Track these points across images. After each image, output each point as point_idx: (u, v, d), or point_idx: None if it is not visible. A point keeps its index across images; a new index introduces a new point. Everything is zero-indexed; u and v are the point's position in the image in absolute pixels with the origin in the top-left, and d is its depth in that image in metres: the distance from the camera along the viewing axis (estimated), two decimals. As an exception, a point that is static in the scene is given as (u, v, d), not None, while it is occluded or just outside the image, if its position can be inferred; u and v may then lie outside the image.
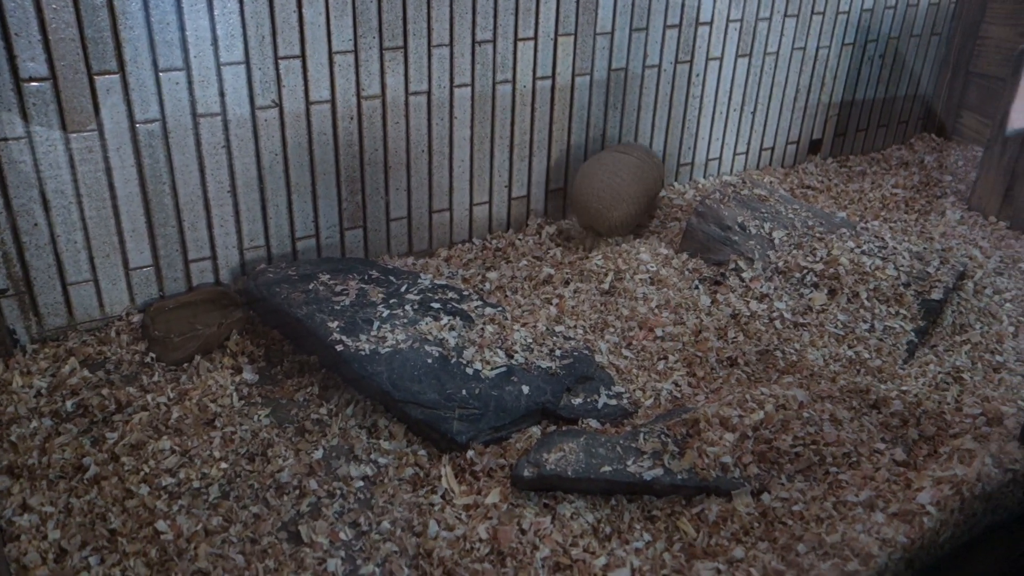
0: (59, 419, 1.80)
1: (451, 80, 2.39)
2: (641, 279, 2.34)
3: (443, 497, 1.63)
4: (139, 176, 2.04)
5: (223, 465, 1.68)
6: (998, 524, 1.66)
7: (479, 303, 2.07)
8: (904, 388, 1.92)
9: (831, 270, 2.27)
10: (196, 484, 1.63)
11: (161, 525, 1.53)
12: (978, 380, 2.00)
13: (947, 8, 3.47)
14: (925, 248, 2.39)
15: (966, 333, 2.19)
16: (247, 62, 2.07)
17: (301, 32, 2.11)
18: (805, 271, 2.29)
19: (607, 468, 1.61)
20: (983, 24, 3.47)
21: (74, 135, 1.93)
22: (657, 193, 2.64)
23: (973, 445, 1.69)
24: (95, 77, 1.91)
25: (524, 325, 2.02)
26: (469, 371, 1.82)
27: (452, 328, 1.93)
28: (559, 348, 1.96)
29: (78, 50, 1.87)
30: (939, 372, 2.02)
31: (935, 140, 3.69)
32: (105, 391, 1.86)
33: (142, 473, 1.65)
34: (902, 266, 2.28)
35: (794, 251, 2.35)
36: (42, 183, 1.93)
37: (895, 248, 2.34)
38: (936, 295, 2.21)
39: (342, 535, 1.54)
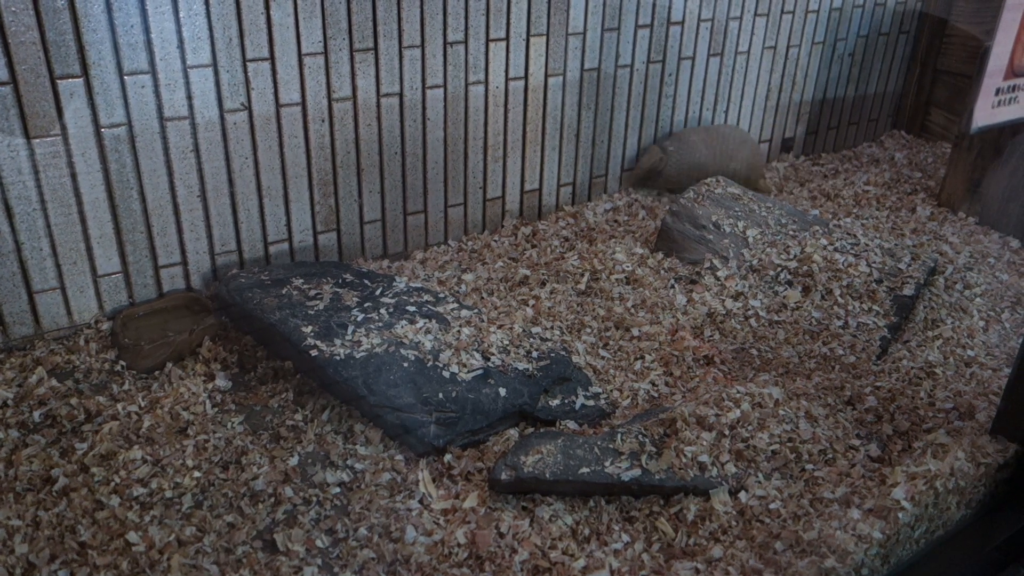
0: (26, 430, 1.76)
1: (423, 81, 2.37)
2: (617, 279, 2.34)
3: (420, 502, 1.61)
4: (106, 181, 2.01)
5: (196, 474, 1.65)
6: (972, 518, 1.68)
7: (455, 305, 2.06)
8: (878, 384, 1.93)
9: (805, 267, 2.28)
10: (168, 494, 1.60)
11: (132, 537, 1.50)
12: (950, 375, 2.02)
13: (914, 6, 3.52)
14: (896, 244, 2.42)
15: (938, 328, 2.22)
16: (215, 65, 2.04)
17: (269, 34, 2.09)
18: (779, 269, 2.30)
19: (585, 469, 1.60)
20: (949, 22, 3.52)
21: (37, 140, 1.89)
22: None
23: (946, 440, 1.71)
24: (58, 81, 1.87)
25: (500, 327, 2.01)
26: (445, 374, 1.81)
27: (428, 331, 1.91)
28: (536, 349, 1.95)
29: (39, 53, 1.83)
30: (912, 367, 2.04)
31: (905, 137, 3.74)
32: (74, 401, 1.83)
33: (112, 484, 1.62)
34: (874, 263, 2.30)
35: (768, 249, 2.36)
36: (4, 190, 1.89)
37: (867, 245, 2.36)
38: (908, 291, 2.23)
39: (318, 542, 1.52)
